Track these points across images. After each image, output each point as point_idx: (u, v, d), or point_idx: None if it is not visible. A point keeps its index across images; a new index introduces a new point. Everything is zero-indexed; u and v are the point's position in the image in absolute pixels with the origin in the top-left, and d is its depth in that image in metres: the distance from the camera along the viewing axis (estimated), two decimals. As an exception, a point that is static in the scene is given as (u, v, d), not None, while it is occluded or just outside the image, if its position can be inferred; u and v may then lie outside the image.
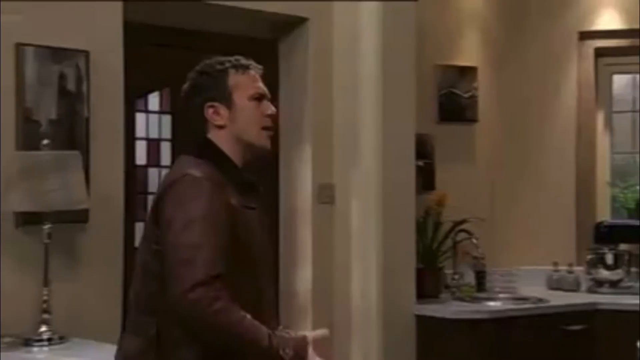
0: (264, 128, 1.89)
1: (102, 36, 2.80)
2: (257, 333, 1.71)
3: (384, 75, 3.46)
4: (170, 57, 3.24)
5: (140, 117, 3.19)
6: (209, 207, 1.73)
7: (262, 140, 1.90)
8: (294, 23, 3.48)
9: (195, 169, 1.79)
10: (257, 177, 1.93)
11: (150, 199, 3.18)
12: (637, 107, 4.51)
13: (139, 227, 3.16)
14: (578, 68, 4.32)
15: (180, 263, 1.68)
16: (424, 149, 3.92)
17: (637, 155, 4.55)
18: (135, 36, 2.97)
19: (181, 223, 1.71)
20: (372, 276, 3.43)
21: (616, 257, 4.01)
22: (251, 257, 1.83)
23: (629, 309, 3.67)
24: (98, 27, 2.78)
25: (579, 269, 4.12)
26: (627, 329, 3.09)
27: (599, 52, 4.33)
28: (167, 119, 3.26)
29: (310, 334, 1.81)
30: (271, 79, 3.52)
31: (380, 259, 3.41)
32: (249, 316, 1.71)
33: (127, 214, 2.92)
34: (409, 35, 3.55)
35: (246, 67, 1.90)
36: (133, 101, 3.10)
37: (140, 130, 3.19)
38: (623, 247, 4.06)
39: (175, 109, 3.29)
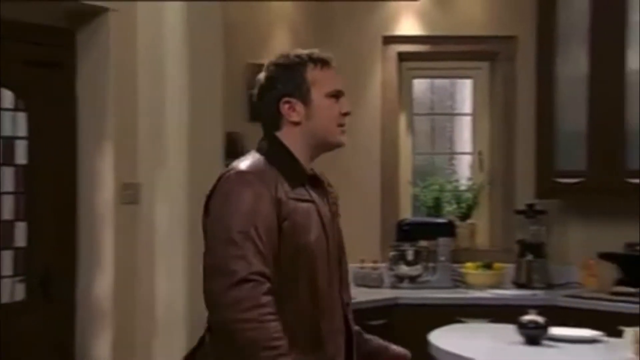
0: (339, 125, 1.85)
1: None
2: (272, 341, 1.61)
3: (190, 73, 3.36)
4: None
5: None
6: (252, 200, 1.69)
7: (339, 137, 1.87)
8: (93, 13, 3.28)
9: (242, 163, 1.78)
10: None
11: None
12: (435, 110, 4.79)
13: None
14: (382, 71, 4.49)
15: (222, 260, 1.63)
16: (234, 148, 3.86)
17: (435, 156, 4.84)
18: None
19: (225, 221, 1.68)
20: (179, 279, 3.33)
21: (416, 254, 4.21)
22: (304, 251, 1.74)
23: (426, 302, 3.89)
24: None
25: (382, 266, 4.29)
26: (423, 322, 3.23)
27: (402, 57, 4.53)
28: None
29: None
30: (68, 70, 3.34)
31: (186, 261, 3.31)
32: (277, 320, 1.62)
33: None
34: (216, 34, 3.49)
35: (325, 62, 1.85)
36: None
37: None
38: (422, 243, 4.28)
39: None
